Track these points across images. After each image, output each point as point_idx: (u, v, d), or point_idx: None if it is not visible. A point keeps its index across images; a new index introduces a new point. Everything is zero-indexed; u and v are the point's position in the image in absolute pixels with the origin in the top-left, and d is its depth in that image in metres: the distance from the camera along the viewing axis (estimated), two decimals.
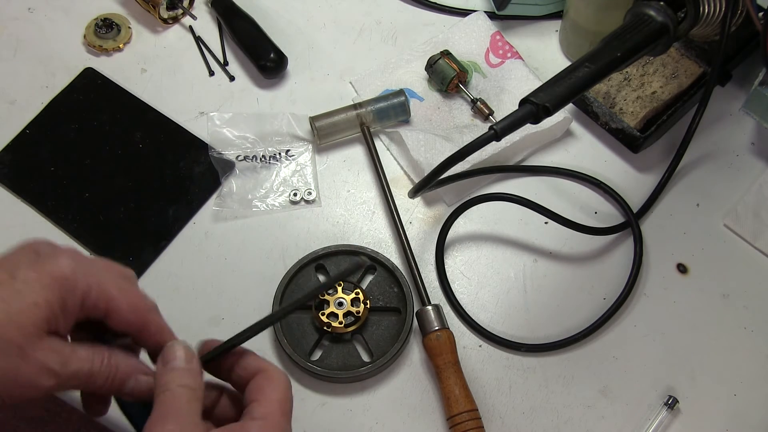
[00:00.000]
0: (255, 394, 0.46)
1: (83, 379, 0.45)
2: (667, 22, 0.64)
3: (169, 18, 0.89)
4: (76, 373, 0.44)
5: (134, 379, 0.47)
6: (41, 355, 0.42)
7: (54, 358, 0.43)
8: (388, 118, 0.81)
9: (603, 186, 0.79)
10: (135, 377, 0.47)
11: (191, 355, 0.47)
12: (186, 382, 0.45)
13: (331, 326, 0.69)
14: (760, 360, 0.71)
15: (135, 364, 0.47)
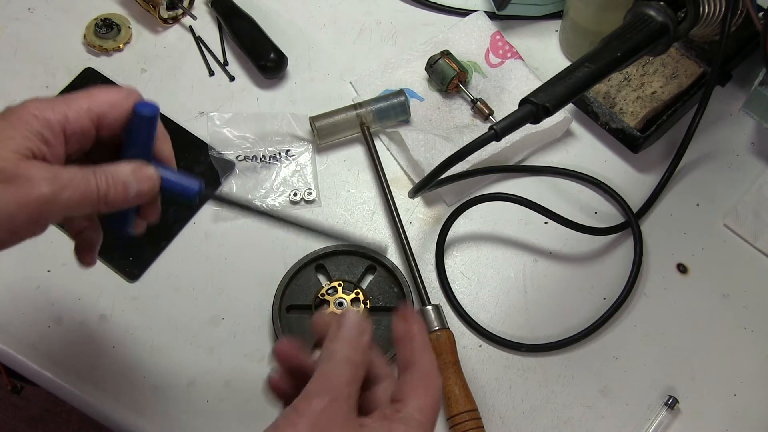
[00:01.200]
0: (413, 391, 0.44)
1: (80, 192, 0.45)
2: (667, 22, 0.64)
3: (169, 18, 0.89)
4: (70, 183, 0.45)
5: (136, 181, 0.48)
6: (27, 171, 0.43)
7: (42, 171, 0.44)
8: (388, 118, 0.81)
9: (603, 186, 0.79)
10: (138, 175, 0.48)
11: (364, 329, 0.45)
12: (352, 356, 0.44)
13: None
14: (760, 360, 0.71)
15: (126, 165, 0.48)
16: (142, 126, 0.49)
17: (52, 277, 0.75)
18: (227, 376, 0.71)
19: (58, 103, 0.47)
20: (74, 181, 0.45)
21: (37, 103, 0.46)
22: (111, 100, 0.48)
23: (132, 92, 0.50)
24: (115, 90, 0.49)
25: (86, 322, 0.73)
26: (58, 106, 0.46)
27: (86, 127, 0.48)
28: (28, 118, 0.45)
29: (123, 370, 0.71)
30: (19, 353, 0.71)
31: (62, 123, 0.46)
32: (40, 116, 0.45)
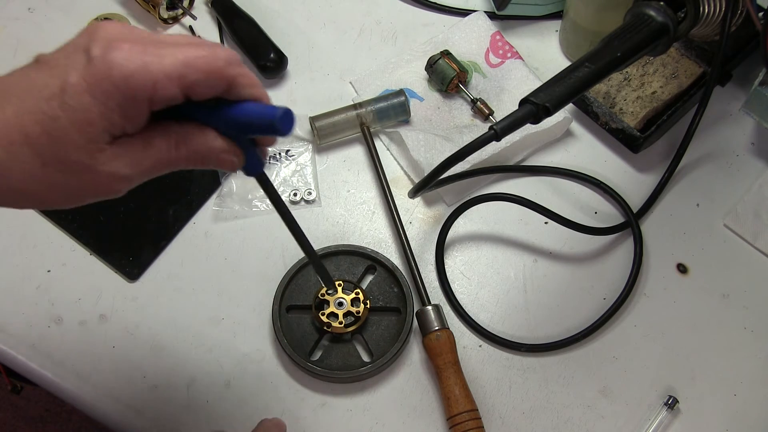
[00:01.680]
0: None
1: (162, 168, 0.44)
2: (667, 22, 0.64)
3: (169, 18, 0.89)
4: (152, 167, 0.44)
5: (213, 158, 0.45)
6: (107, 166, 0.42)
7: (122, 164, 0.42)
8: (388, 118, 0.81)
9: (603, 186, 0.79)
10: (216, 157, 0.45)
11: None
12: None
13: (331, 326, 0.69)
14: (760, 360, 0.71)
15: (211, 141, 0.45)
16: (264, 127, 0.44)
17: (52, 277, 0.75)
18: (227, 376, 0.71)
19: (147, 62, 0.40)
20: (156, 164, 0.43)
21: (122, 58, 0.40)
22: (210, 68, 0.42)
23: (232, 61, 0.43)
24: (212, 55, 0.43)
25: (86, 322, 0.73)
26: (146, 70, 0.40)
27: (173, 99, 0.42)
28: (108, 87, 0.40)
29: (123, 370, 0.71)
30: (19, 353, 0.72)
31: (149, 95, 0.41)
32: (124, 86, 0.40)
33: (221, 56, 0.43)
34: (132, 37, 0.41)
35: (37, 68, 0.41)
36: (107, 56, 0.40)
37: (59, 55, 0.41)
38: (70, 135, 0.40)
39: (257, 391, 0.70)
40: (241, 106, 0.44)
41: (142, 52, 0.41)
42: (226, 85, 0.43)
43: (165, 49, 0.41)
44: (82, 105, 0.40)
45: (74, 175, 0.42)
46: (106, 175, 0.42)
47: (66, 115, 0.40)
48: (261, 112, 0.44)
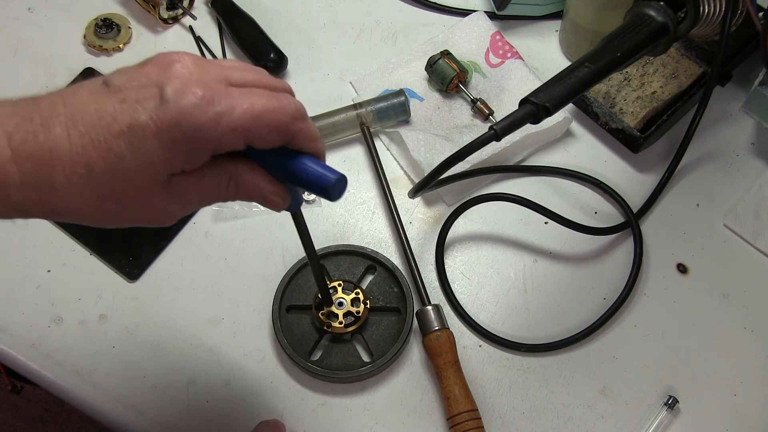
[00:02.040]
0: None
1: (210, 202, 0.45)
2: (667, 22, 0.64)
3: (169, 18, 0.89)
4: (202, 203, 0.45)
5: (261, 197, 0.46)
6: (161, 204, 0.43)
7: (175, 204, 0.44)
8: (388, 118, 0.81)
9: (603, 186, 0.79)
10: (263, 197, 0.46)
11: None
12: None
13: (331, 326, 0.69)
14: (760, 360, 0.71)
15: (261, 183, 0.45)
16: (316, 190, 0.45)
17: (52, 277, 0.75)
18: (227, 376, 0.71)
19: (218, 114, 0.41)
20: (206, 199, 0.45)
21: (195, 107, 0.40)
22: (277, 124, 0.43)
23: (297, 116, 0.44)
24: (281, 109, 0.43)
25: (86, 322, 0.73)
26: (216, 123, 0.41)
27: (236, 147, 0.43)
28: (177, 136, 0.40)
29: (123, 370, 0.71)
30: (19, 353, 0.71)
31: (215, 146, 0.42)
32: (193, 136, 0.40)
33: (289, 111, 0.43)
34: (205, 80, 0.41)
35: (107, 95, 0.41)
36: (180, 102, 0.40)
37: (130, 85, 0.41)
38: (132, 175, 0.41)
39: (257, 391, 0.70)
40: (298, 161, 0.45)
41: (213, 100, 0.41)
42: (288, 139, 0.44)
43: (235, 97, 0.42)
44: (148, 148, 0.40)
45: (127, 209, 0.43)
46: (158, 210, 0.43)
47: (131, 155, 0.40)
48: (317, 175, 0.45)
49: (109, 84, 0.42)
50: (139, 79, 0.42)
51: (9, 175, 0.40)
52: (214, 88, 0.41)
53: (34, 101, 0.41)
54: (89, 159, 0.40)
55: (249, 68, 0.45)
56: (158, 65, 0.42)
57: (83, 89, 0.42)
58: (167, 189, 0.43)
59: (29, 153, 0.40)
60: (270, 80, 0.45)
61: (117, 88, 0.41)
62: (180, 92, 0.40)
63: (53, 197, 0.41)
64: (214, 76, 0.42)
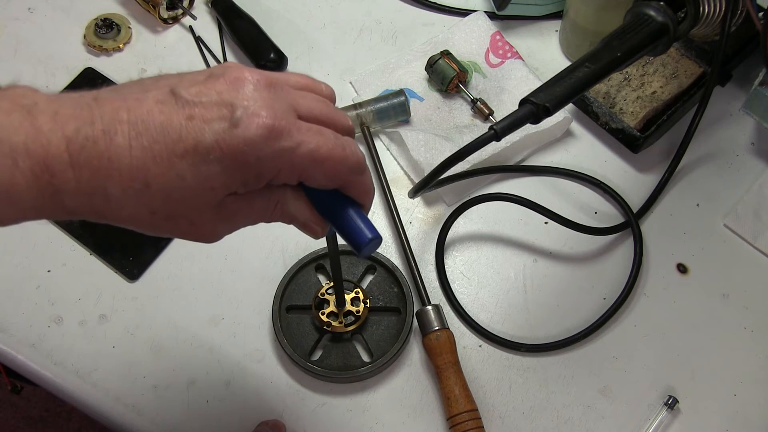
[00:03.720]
0: None
1: (255, 223, 0.46)
2: (667, 22, 0.64)
3: (169, 18, 0.89)
4: (246, 224, 0.46)
5: (301, 224, 0.47)
6: (211, 224, 0.44)
7: (224, 224, 0.44)
8: (388, 118, 0.81)
9: (603, 186, 0.79)
10: (303, 223, 0.47)
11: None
12: None
13: (332, 326, 0.69)
14: (760, 360, 0.71)
15: (306, 213, 0.46)
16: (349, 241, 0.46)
17: (52, 277, 0.75)
18: (227, 376, 0.71)
19: (282, 149, 0.41)
20: (252, 222, 0.46)
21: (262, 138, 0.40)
22: (334, 172, 0.43)
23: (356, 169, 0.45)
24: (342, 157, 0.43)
25: (86, 322, 0.73)
26: (279, 158, 0.41)
27: (289, 181, 0.44)
28: (240, 163, 0.40)
29: (123, 370, 0.71)
30: (19, 353, 0.71)
31: (272, 178, 0.42)
32: (255, 166, 0.41)
33: (350, 162, 0.44)
34: (275, 107, 0.41)
35: (174, 108, 0.40)
36: (249, 130, 0.40)
37: (200, 101, 0.40)
38: (189, 196, 0.41)
39: (257, 391, 0.70)
40: (343, 209, 0.46)
41: (281, 135, 0.41)
42: (341, 186, 0.45)
43: (302, 135, 0.42)
44: (210, 172, 0.40)
45: (178, 226, 0.43)
46: (207, 229, 0.44)
47: (192, 177, 0.40)
48: (355, 229, 0.45)
49: (177, 96, 0.40)
50: (209, 95, 0.41)
51: (65, 181, 0.38)
52: (283, 120, 0.41)
53: (96, 102, 0.40)
54: (148, 174, 0.39)
55: (317, 98, 0.45)
56: (230, 83, 0.41)
57: (149, 96, 0.40)
58: (219, 210, 0.43)
59: (87, 160, 0.38)
60: (336, 115, 0.45)
61: (186, 102, 0.40)
62: (250, 119, 0.40)
63: (105, 206, 0.40)
64: (284, 103, 0.42)
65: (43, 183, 0.38)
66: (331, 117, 0.45)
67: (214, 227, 0.44)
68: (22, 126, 0.37)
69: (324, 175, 0.44)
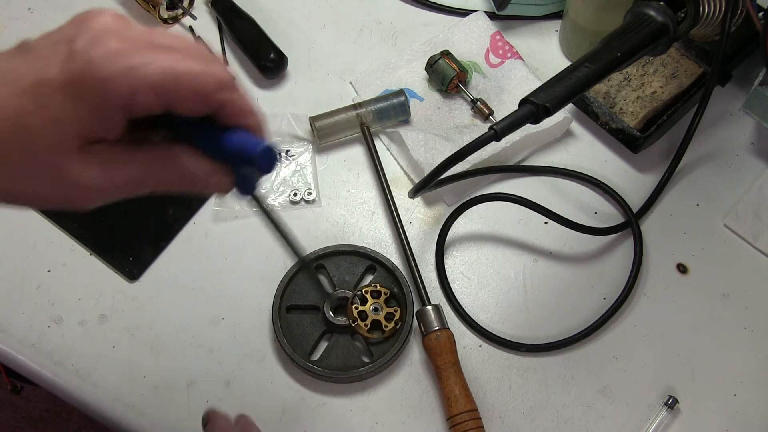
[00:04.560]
0: None
1: (141, 186, 0.41)
2: (667, 22, 0.64)
3: (169, 18, 0.89)
4: (129, 182, 0.40)
5: (201, 181, 0.42)
6: (77, 171, 0.38)
7: (94, 172, 0.39)
8: (388, 118, 0.81)
9: (603, 186, 0.79)
10: (204, 180, 0.42)
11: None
12: None
13: (357, 322, 0.68)
14: (760, 360, 0.71)
15: (200, 163, 0.41)
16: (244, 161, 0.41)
17: (52, 277, 0.75)
18: (227, 376, 0.71)
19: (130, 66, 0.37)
20: (133, 179, 0.40)
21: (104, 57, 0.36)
22: (197, 88, 0.38)
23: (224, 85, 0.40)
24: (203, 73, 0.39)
25: (86, 322, 0.73)
26: (126, 76, 0.36)
27: (151, 110, 0.38)
28: (83, 88, 0.36)
29: (123, 370, 0.71)
30: (19, 353, 0.71)
31: (125, 102, 0.37)
32: (100, 89, 0.36)
33: (213, 77, 0.39)
34: (123, 34, 0.37)
35: (18, 55, 0.38)
36: (89, 52, 0.36)
37: (43, 44, 0.38)
38: (39, 134, 0.37)
39: (257, 391, 0.70)
40: (226, 135, 0.41)
41: (127, 53, 0.37)
42: (212, 109, 0.40)
43: (154, 53, 0.38)
44: (54, 103, 0.37)
45: (42, 180, 0.38)
46: (75, 181, 0.38)
47: (38, 112, 0.37)
48: (242, 144, 0.41)
49: (22, 46, 0.38)
50: (52, 37, 0.38)
51: None
52: (131, 43, 0.37)
53: None
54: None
55: (180, 36, 0.41)
56: (75, 22, 0.38)
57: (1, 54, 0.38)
58: (84, 156, 0.38)
59: None
60: (202, 50, 0.40)
61: (29, 48, 0.38)
62: (91, 43, 0.37)
63: None
64: (136, 34, 0.38)
65: None
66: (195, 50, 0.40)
67: (85, 178, 0.38)
68: None
69: (190, 94, 0.38)
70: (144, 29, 0.39)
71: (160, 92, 0.38)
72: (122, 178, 0.40)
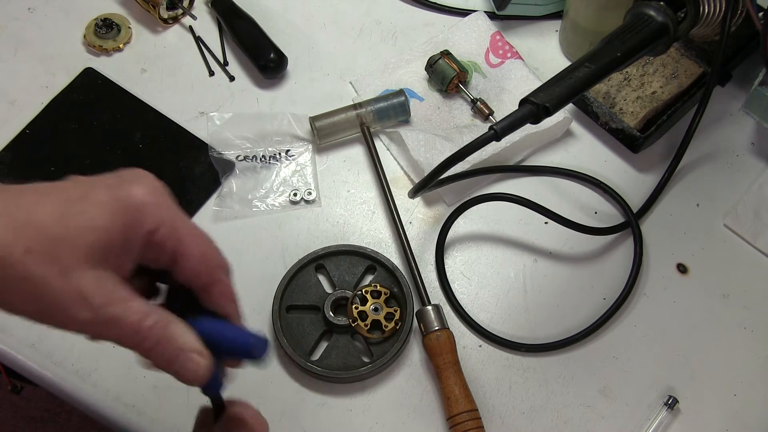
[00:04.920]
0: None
1: (125, 333, 0.42)
2: (667, 22, 0.64)
3: (169, 18, 0.89)
4: (118, 321, 0.41)
5: (186, 358, 0.44)
6: (83, 282, 0.39)
7: (96, 290, 0.40)
8: (388, 118, 0.81)
9: (603, 186, 0.79)
10: (187, 356, 0.44)
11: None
12: None
13: (357, 322, 0.69)
14: (760, 360, 0.71)
15: (189, 338, 0.44)
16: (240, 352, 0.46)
17: None
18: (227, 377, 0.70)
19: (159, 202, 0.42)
20: (124, 322, 0.41)
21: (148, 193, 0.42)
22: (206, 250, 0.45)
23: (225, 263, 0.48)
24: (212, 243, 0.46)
25: None
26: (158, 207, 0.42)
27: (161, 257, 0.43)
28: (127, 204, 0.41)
29: (123, 370, 0.71)
30: (19, 353, 0.71)
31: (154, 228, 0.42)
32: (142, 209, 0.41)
33: (221, 257, 0.47)
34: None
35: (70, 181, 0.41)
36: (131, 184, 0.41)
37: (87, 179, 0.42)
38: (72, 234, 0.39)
39: (257, 391, 0.70)
40: (218, 324, 0.45)
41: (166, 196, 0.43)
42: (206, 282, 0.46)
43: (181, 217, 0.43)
44: (93, 212, 0.40)
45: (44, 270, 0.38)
46: (74, 288, 0.39)
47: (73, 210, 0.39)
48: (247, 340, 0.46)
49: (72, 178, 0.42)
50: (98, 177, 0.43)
51: None
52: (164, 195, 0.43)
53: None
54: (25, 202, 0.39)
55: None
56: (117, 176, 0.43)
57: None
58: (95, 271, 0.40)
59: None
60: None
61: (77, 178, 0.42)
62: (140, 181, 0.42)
63: None
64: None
65: None
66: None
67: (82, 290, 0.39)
68: None
69: (198, 258, 0.44)
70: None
71: (176, 237, 0.42)
72: (111, 312, 0.41)
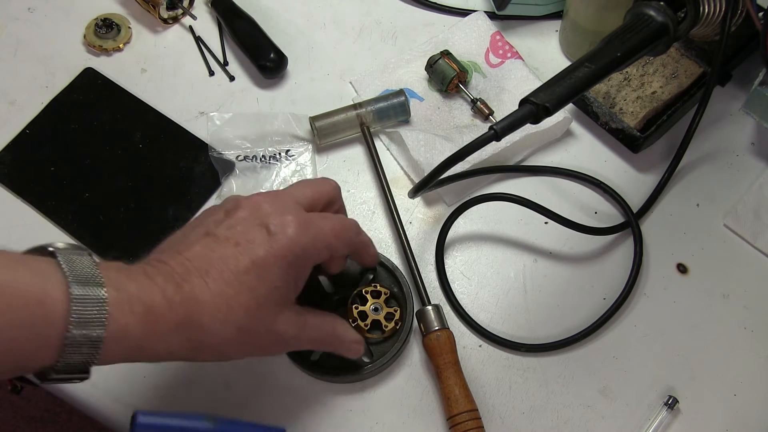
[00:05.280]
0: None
1: (314, 346, 0.59)
2: (667, 22, 0.64)
3: (169, 18, 0.89)
4: (309, 340, 0.56)
5: (349, 348, 0.61)
6: (282, 329, 0.53)
7: (292, 330, 0.53)
8: (388, 118, 0.81)
9: (603, 186, 0.79)
10: (352, 346, 0.61)
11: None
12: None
13: (357, 323, 0.68)
14: (760, 360, 0.71)
15: (352, 335, 0.61)
16: None
17: None
18: (226, 378, 0.71)
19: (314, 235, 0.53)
20: (312, 340, 0.57)
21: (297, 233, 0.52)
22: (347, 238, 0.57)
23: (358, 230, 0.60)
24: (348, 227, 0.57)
25: None
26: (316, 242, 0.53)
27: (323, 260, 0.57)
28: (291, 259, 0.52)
29: (123, 370, 0.71)
30: None
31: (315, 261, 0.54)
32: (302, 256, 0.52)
33: (353, 228, 0.58)
34: (288, 209, 0.53)
35: (220, 243, 0.51)
36: (286, 233, 0.51)
37: (236, 231, 0.52)
38: (264, 301, 0.50)
39: (257, 392, 0.70)
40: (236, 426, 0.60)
41: (307, 227, 0.52)
42: (353, 250, 0.60)
43: (319, 222, 0.54)
44: (271, 275, 0.50)
45: (258, 337, 0.52)
46: (279, 333, 0.53)
47: (260, 284, 0.50)
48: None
49: (214, 235, 0.52)
50: (238, 226, 0.52)
51: (166, 320, 0.48)
52: (300, 216, 0.53)
53: (160, 263, 0.51)
54: (226, 297, 0.49)
55: (304, 184, 0.58)
56: (247, 209, 0.53)
57: (193, 245, 0.52)
58: (286, 313, 0.53)
59: (180, 302, 0.48)
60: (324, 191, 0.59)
61: (225, 237, 0.51)
62: (283, 224, 0.51)
63: (200, 333, 0.49)
64: (290, 203, 0.54)
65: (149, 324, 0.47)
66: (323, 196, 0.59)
67: (286, 330, 0.53)
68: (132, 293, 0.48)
69: (344, 245, 0.56)
70: (286, 194, 0.56)
71: (329, 247, 0.54)
72: (306, 338, 0.56)
